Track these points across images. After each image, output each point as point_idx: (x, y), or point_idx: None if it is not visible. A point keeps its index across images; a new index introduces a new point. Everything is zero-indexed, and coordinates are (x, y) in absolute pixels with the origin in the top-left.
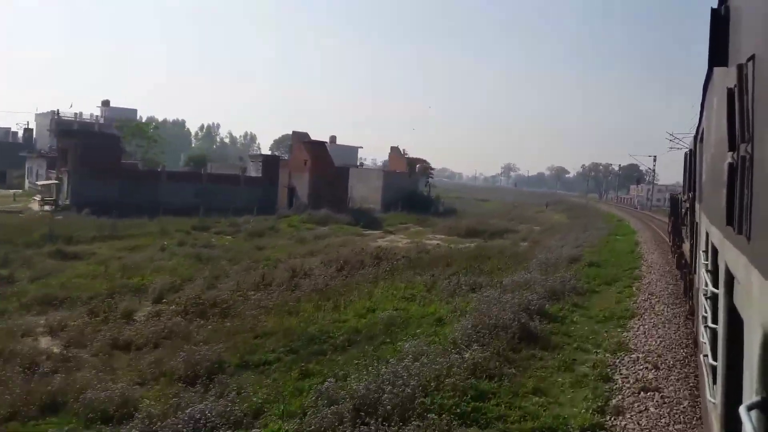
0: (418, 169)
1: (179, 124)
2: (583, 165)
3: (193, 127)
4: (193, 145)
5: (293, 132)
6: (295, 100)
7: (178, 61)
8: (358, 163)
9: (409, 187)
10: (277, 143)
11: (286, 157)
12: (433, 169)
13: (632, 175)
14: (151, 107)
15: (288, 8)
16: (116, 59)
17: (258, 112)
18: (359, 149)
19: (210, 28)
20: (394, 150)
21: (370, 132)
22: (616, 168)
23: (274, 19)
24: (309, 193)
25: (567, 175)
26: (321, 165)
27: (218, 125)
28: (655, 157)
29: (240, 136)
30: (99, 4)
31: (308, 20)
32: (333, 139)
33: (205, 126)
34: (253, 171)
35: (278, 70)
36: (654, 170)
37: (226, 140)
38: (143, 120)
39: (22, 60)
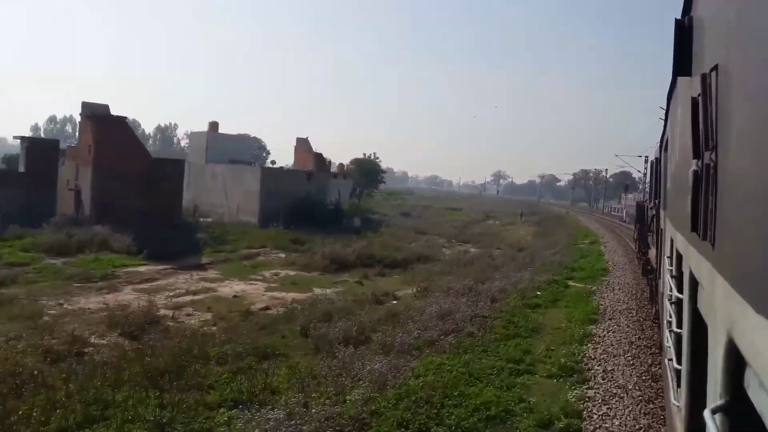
0: (337, 168)
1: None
2: (574, 173)
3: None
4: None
5: (82, 103)
6: (285, 100)
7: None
8: (252, 159)
9: (308, 193)
10: None
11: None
12: (384, 171)
13: (625, 182)
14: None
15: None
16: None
17: (258, 113)
18: (255, 140)
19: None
20: (301, 142)
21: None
22: (608, 175)
23: (254, 12)
24: (93, 198)
25: (558, 183)
26: (116, 154)
27: (175, 125)
28: (647, 157)
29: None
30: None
31: (299, 17)
32: (214, 126)
33: (163, 126)
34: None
35: (275, 72)
36: (645, 174)
37: (184, 142)
38: None
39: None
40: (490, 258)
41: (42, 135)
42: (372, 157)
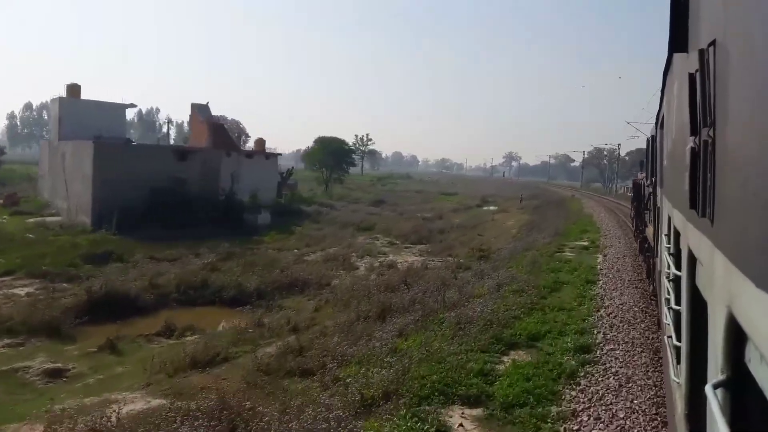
0: (255, 145)
1: None
2: (585, 151)
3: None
4: (132, 132)
5: None
6: (283, 90)
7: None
8: (134, 133)
9: (181, 180)
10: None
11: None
12: (354, 152)
13: (641, 160)
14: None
15: None
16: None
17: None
18: (129, 108)
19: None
20: (198, 110)
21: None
22: (623, 153)
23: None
24: None
25: (572, 164)
26: None
27: (158, 109)
28: None
29: (185, 121)
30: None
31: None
32: (74, 90)
33: (144, 111)
34: None
35: (275, 56)
36: None
37: (165, 126)
38: None
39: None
40: (404, 285)
41: (18, 123)
42: (365, 138)
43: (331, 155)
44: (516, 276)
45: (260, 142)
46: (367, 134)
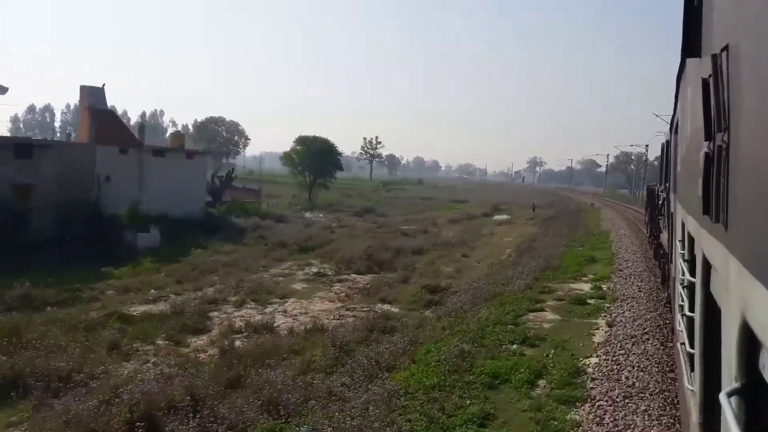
0: (171, 140)
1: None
2: (609, 155)
3: (134, 115)
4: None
5: None
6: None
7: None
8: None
9: (20, 186)
10: (198, 128)
11: None
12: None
13: None
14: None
15: None
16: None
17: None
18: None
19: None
20: (87, 94)
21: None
22: (652, 156)
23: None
24: None
25: (599, 169)
26: None
27: (162, 112)
28: None
29: (189, 124)
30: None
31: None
32: None
33: (147, 113)
34: None
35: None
36: None
37: (171, 129)
38: None
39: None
40: (186, 407)
41: (21, 126)
42: (374, 141)
43: (315, 157)
44: (396, 413)
45: (178, 137)
46: (376, 137)
